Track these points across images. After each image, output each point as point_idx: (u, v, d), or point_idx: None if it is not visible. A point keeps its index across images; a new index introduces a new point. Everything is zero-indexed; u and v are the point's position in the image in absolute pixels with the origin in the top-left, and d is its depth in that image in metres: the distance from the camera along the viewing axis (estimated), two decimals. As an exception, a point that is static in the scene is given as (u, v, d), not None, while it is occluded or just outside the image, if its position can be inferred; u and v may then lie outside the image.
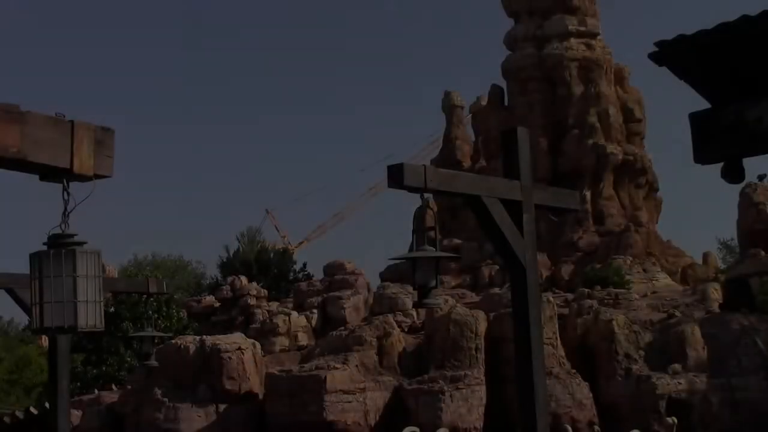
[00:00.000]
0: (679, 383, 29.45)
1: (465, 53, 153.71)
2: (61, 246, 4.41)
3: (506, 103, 54.31)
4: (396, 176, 6.66)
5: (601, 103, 50.67)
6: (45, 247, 4.45)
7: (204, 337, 30.90)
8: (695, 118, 5.10)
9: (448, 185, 7.12)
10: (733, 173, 5.17)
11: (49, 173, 4.50)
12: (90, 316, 4.42)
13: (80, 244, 4.45)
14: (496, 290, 37.11)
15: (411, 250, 7.15)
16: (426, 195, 6.92)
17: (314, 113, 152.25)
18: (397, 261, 9.44)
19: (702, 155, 5.08)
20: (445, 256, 7.47)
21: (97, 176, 4.59)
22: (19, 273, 9.53)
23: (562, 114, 51.36)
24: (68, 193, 4.47)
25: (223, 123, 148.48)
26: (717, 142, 5.04)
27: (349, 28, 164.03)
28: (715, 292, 36.86)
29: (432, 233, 7.65)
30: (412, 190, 6.81)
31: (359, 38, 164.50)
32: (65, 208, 4.46)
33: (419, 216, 6.94)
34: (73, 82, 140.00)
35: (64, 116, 4.50)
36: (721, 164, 5.16)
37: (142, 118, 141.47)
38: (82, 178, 4.54)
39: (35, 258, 4.44)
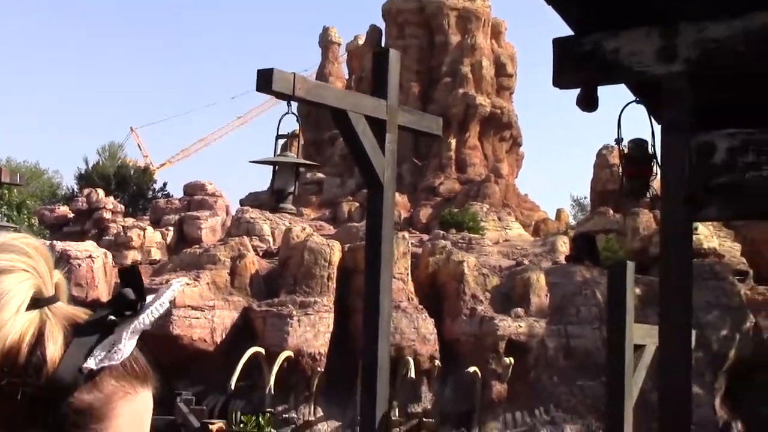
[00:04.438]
0: (520, 326, 30.61)
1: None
2: None
3: (383, 45, 54.30)
4: (265, 81, 6.67)
5: (476, 55, 51.29)
6: None
7: (54, 242, 30.15)
8: (558, 44, 5.30)
9: (316, 95, 7.16)
10: (587, 101, 5.42)
11: None
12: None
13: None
14: (354, 224, 37.48)
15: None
16: (292, 104, 6.97)
17: (193, 37, 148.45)
18: (259, 193, 9.44)
19: (560, 80, 5.29)
20: (305, 163, 7.58)
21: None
22: None
23: (437, 62, 51.78)
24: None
25: (102, 35, 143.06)
26: (575, 68, 5.26)
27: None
28: (564, 245, 38.29)
29: (294, 142, 7.72)
30: (280, 96, 6.85)
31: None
32: None
33: (283, 122, 6.98)
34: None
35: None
36: (578, 91, 5.40)
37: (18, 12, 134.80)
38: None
39: None
